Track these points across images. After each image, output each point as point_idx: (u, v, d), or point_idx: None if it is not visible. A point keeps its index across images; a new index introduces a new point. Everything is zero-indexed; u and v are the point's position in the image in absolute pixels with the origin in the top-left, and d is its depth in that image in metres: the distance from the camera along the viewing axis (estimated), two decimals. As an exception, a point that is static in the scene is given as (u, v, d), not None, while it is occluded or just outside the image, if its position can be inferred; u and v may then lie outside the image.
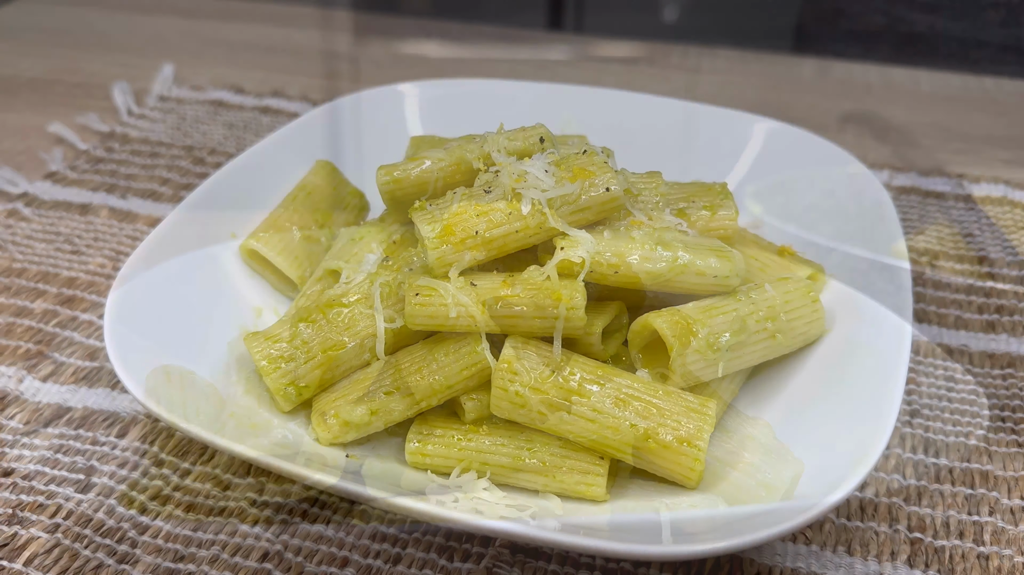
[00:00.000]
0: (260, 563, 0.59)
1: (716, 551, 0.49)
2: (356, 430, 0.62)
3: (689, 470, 0.57)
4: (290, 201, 0.78)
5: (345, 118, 0.87)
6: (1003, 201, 0.96)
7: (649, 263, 0.62)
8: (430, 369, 0.61)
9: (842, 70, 1.25)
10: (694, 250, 0.63)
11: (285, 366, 0.63)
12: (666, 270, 0.62)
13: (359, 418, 0.61)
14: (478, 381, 0.62)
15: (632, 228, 0.64)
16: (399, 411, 0.62)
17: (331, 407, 0.62)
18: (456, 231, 0.61)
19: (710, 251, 0.64)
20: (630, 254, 0.62)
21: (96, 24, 1.36)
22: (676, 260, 0.62)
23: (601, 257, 0.61)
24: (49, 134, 1.06)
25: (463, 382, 0.61)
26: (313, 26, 1.37)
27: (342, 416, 0.62)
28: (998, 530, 0.61)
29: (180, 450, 0.67)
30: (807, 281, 0.67)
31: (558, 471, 0.59)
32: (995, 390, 0.72)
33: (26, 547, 0.60)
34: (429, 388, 0.61)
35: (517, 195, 0.62)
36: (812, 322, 0.66)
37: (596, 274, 0.61)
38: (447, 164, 0.69)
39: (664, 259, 0.62)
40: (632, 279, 0.62)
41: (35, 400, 0.71)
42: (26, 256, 0.86)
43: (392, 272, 0.66)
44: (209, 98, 1.14)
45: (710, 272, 0.63)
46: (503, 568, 0.59)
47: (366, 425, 0.62)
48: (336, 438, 0.62)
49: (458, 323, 0.60)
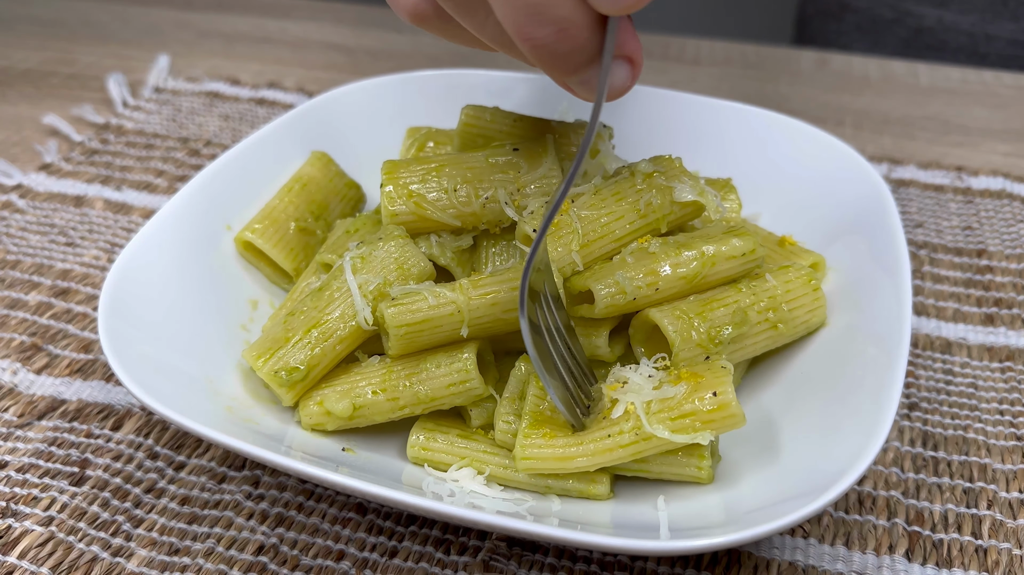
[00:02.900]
0: (255, 556, 0.59)
1: (715, 546, 0.48)
2: (336, 421, 0.62)
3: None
4: (285, 193, 0.77)
5: (341, 109, 0.86)
6: (1002, 194, 0.95)
7: (682, 268, 0.62)
8: (419, 378, 0.61)
9: (841, 62, 1.25)
10: (713, 239, 0.63)
11: (274, 354, 0.63)
12: (699, 267, 0.62)
13: (341, 411, 0.61)
14: (463, 400, 0.61)
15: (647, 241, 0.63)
16: (382, 413, 0.62)
17: (318, 394, 0.62)
18: None
19: (726, 234, 0.64)
20: (661, 268, 0.62)
21: (91, 15, 1.35)
22: (703, 255, 0.62)
23: (635, 282, 0.61)
24: (44, 125, 1.05)
25: (448, 397, 0.61)
26: (309, 17, 1.36)
27: (325, 405, 0.61)
28: (996, 523, 0.61)
29: (175, 443, 0.66)
30: (808, 269, 0.67)
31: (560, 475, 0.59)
32: (993, 383, 0.72)
33: (20, 540, 0.59)
34: (414, 397, 0.61)
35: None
36: (813, 311, 0.66)
37: (639, 302, 0.62)
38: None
39: (693, 259, 0.62)
40: (673, 290, 0.62)
41: (29, 393, 0.70)
42: (20, 248, 0.85)
43: (365, 244, 0.66)
44: (205, 89, 1.14)
45: (738, 252, 0.63)
46: (500, 561, 0.58)
47: (347, 419, 0.62)
48: (316, 425, 0.62)
49: (440, 312, 0.60)
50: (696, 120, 0.86)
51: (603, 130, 0.72)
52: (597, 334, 0.63)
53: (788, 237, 0.73)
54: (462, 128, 0.72)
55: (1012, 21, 1.24)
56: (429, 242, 0.66)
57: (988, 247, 0.88)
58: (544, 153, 0.66)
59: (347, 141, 0.85)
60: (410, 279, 0.63)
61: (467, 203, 0.65)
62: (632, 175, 0.65)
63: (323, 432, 0.63)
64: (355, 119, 0.87)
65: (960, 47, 1.29)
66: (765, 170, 0.82)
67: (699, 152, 0.81)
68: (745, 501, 0.56)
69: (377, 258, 0.63)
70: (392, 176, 0.66)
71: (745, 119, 0.85)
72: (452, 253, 0.66)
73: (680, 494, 0.59)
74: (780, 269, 0.66)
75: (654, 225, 0.64)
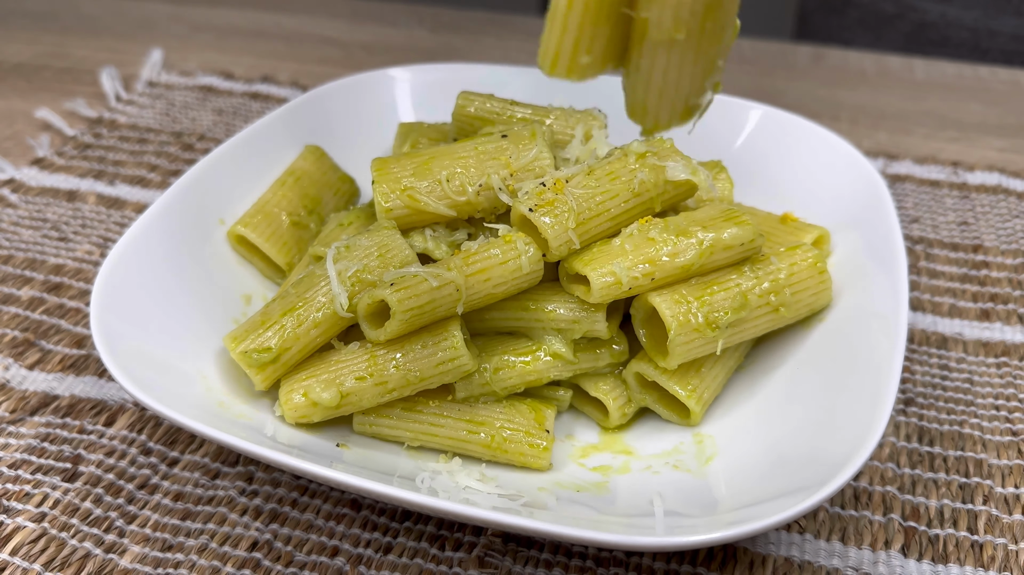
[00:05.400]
0: (249, 552, 0.58)
1: (710, 542, 0.48)
2: (323, 412, 0.61)
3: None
4: (279, 187, 0.77)
5: (334, 103, 0.86)
6: (998, 189, 0.95)
7: (680, 257, 0.62)
8: (406, 359, 0.61)
9: (837, 57, 1.24)
10: (711, 226, 0.63)
11: (247, 335, 0.62)
12: (696, 257, 0.62)
13: (328, 400, 0.60)
14: (453, 376, 0.61)
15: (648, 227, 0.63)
16: (369, 398, 0.61)
17: (300, 386, 0.61)
18: None
19: (723, 221, 0.64)
20: (658, 257, 0.62)
21: (84, 8, 1.34)
22: (701, 244, 0.62)
23: (632, 271, 0.61)
24: (36, 120, 1.05)
25: (438, 375, 0.61)
26: (303, 11, 1.36)
27: (311, 396, 0.61)
28: (992, 519, 0.61)
29: (168, 439, 0.66)
30: (815, 251, 0.67)
31: (505, 443, 0.61)
32: (989, 379, 0.72)
33: (12, 537, 0.59)
34: (403, 379, 0.61)
35: None
36: (818, 293, 0.66)
37: (635, 289, 0.62)
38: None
39: (691, 247, 0.62)
40: (670, 279, 0.62)
41: (21, 388, 0.70)
42: (12, 243, 0.85)
43: (351, 234, 0.65)
44: (198, 83, 1.13)
45: (736, 242, 0.63)
46: (495, 557, 0.58)
47: (334, 408, 0.61)
48: (302, 417, 0.61)
49: (442, 293, 0.59)
50: (692, 115, 0.85)
51: (598, 115, 0.72)
52: (595, 312, 0.63)
53: (790, 214, 0.73)
54: (457, 114, 0.72)
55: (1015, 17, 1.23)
56: (423, 236, 0.66)
57: (984, 242, 0.87)
58: (532, 137, 0.66)
59: (341, 135, 0.85)
60: (391, 267, 0.63)
61: (461, 192, 0.65)
62: (625, 155, 0.65)
63: (308, 425, 0.62)
64: (349, 113, 0.86)
65: (962, 42, 1.28)
66: (761, 165, 0.82)
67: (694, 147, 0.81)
68: (741, 497, 0.56)
69: (360, 246, 0.63)
70: (383, 172, 0.65)
71: (741, 114, 0.85)
72: (447, 246, 0.66)
73: (676, 490, 0.59)
74: (787, 251, 0.66)
75: (648, 204, 0.64)
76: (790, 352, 0.66)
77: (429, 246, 0.66)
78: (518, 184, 0.65)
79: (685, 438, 0.64)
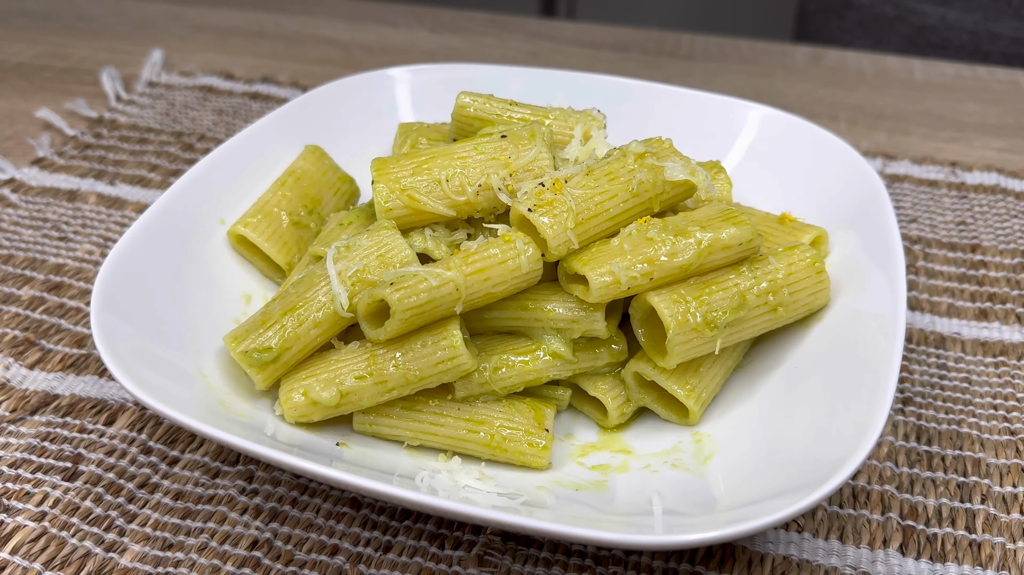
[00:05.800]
0: (249, 551, 0.59)
1: (709, 541, 0.48)
2: (323, 411, 0.61)
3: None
4: (279, 186, 0.77)
5: (334, 103, 0.86)
6: (996, 189, 0.95)
7: (678, 257, 0.62)
8: (406, 359, 0.61)
9: (835, 58, 1.25)
10: (710, 226, 0.63)
11: (248, 335, 0.62)
12: (695, 257, 0.62)
13: (328, 400, 0.61)
14: (452, 376, 0.61)
15: (646, 228, 0.64)
16: (369, 397, 0.61)
17: (300, 385, 0.62)
18: None
19: (722, 221, 0.64)
20: (657, 257, 0.62)
21: (84, 9, 1.34)
22: (700, 244, 0.62)
23: (631, 271, 0.61)
24: (37, 120, 1.05)
25: (437, 375, 0.61)
26: (303, 11, 1.36)
27: (310, 395, 0.61)
28: (990, 518, 0.61)
29: (168, 438, 0.66)
30: (812, 251, 0.67)
31: (505, 442, 0.61)
32: (987, 378, 0.72)
33: (12, 536, 0.59)
34: (403, 378, 0.61)
35: None
36: (816, 293, 0.66)
37: (633, 288, 0.62)
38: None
39: (689, 247, 0.62)
40: (669, 279, 0.63)
41: (22, 388, 0.70)
42: (13, 243, 0.85)
43: (354, 236, 0.66)
44: (198, 84, 1.13)
45: (734, 242, 0.63)
46: (494, 555, 0.58)
47: (334, 407, 0.61)
48: (302, 416, 0.62)
49: (442, 292, 0.60)
50: (690, 115, 0.86)
51: (597, 116, 0.72)
52: (594, 312, 0.63)
53: (788, 214, 0.73)
54: (457, 115, 0.72)
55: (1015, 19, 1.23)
56: (423, 236, 0.66)
57: (982, 242, 0.88)
58: (532, 137, 0.66)
59: (341, 135, 0.85)
60: (391, 267, 0.63)
61: (460, 192, 0.65)
62: (624, 156, 0.65)
63: (308, 424, 0.63)
64: (349, 113, 0.86)
65: (963, 45, 1.28)
66: (760, 165, 0.82)
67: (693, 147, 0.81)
68: (739, 496, 0.56)
69: (360, 246, 0.63)
70: (383, 173, 0.66)
71: (740, 114, 0.85)
72: (447, 246, 0.66)
73: (675, 489, 0.59)
74: (785, 251, 0.66)
75: (647, 204, 0.64)
76: (788, 352, 0.66)
77: (429, 246, 0.66)
78: (517, 184, 0.65)
79: (684, 437, 0.64)
